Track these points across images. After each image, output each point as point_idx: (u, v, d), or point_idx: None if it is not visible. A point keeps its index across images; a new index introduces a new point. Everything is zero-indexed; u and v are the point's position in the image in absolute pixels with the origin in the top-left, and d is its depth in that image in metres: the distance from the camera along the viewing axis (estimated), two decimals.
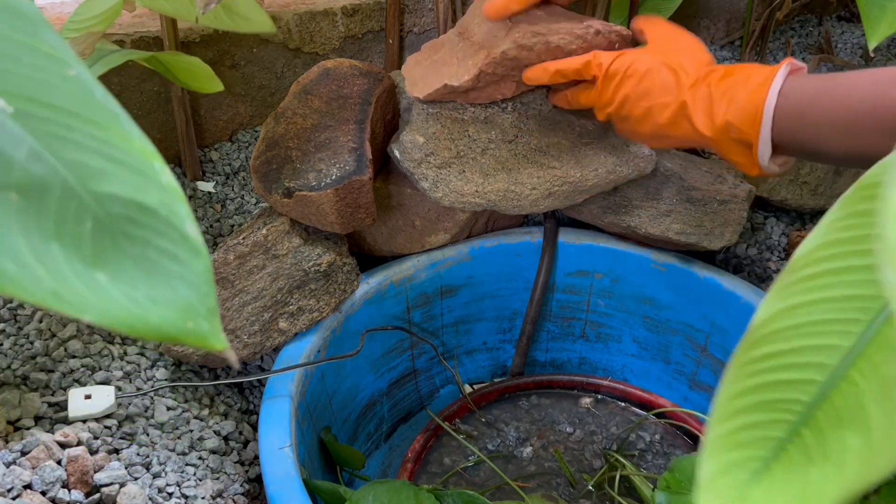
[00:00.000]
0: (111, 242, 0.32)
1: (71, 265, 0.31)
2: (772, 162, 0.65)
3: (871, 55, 1.44)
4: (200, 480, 0.71)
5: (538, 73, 0.78)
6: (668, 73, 0.70)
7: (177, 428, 0.75)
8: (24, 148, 0.31)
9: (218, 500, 0.70)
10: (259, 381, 0.86)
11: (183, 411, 0.77)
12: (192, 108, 1.11)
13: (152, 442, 0.72)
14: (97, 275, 0.31)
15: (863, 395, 0.40)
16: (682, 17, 1.41)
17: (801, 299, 0.41)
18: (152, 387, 0.78)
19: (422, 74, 0.84)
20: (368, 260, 0.90)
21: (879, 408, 0.39)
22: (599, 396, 0.98)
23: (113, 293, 0.31)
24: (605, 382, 0.98)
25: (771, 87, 0.63)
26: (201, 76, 0.91)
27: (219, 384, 0.83)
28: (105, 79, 1.04)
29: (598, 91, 0.74)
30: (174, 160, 1.14)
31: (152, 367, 0.80)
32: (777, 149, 0.65)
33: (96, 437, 0.70)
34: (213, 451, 0.75)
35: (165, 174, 0.33)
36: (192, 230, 0.32)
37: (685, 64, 0.70)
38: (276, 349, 0.81)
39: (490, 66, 0.78)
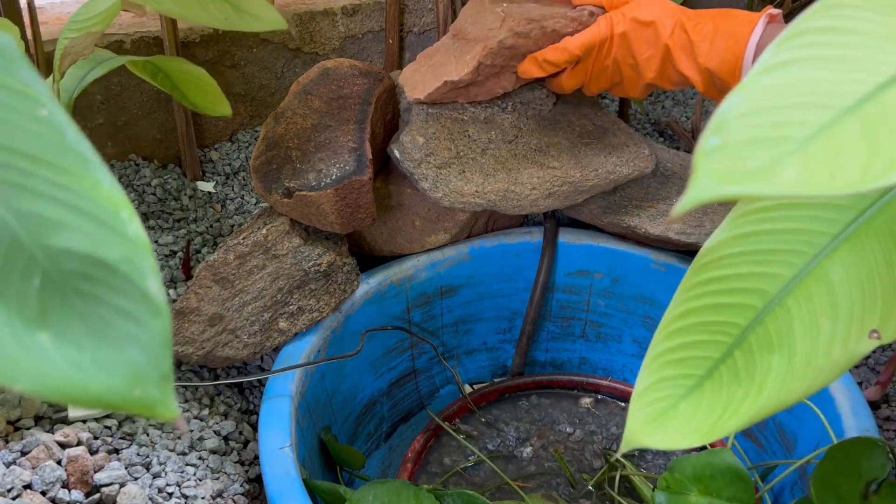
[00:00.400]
0: (60, 300, 0.30)
1: (10, 325, 0.29)
2: None
3: None
4: (200, 480, 0.71)
5: (530, 67, 0.79)
6: (645, 27, 0.72)
7: (177, 428, 0.75)
8: None
9: (218, 500, 0.70)
10: (259, 381, 0.86)
11: (183, 411, 0.77)
12: None
13: (152, 442, 0.72)
14: (40, 336, 0.29)
15: (793, 322, 0.42)
16: None
17: (751, 228, 0.43)
18: None
19: (420, 79, 0.85)
20: (368, 260, 0.90)
21: (806, 334, 0.41)
22: (599, 396, 0.98)
23: (54, 357, 0.29)
24: (605, 382, 0.98)
25: (750, 38, 0.65)
26: (208, 96, 0.90)
27: (219, 384, 0.83)
28: (105, 79, 1.04)
29: (587, 68, 0.76)
30: (174, 160, 1.14)
31: None
32: None
33: (96, 437, 0.70)
34: (213, 451, 0.75)
35: (133, 225, 0.31)
36: (154, 287, 0.31)
37: (658, 14, 0.72)
38: (276, 349, 0.81)
39: (488, 56, 0.78)
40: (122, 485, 0.66)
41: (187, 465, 0.72)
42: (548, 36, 0.78)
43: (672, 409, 0.43)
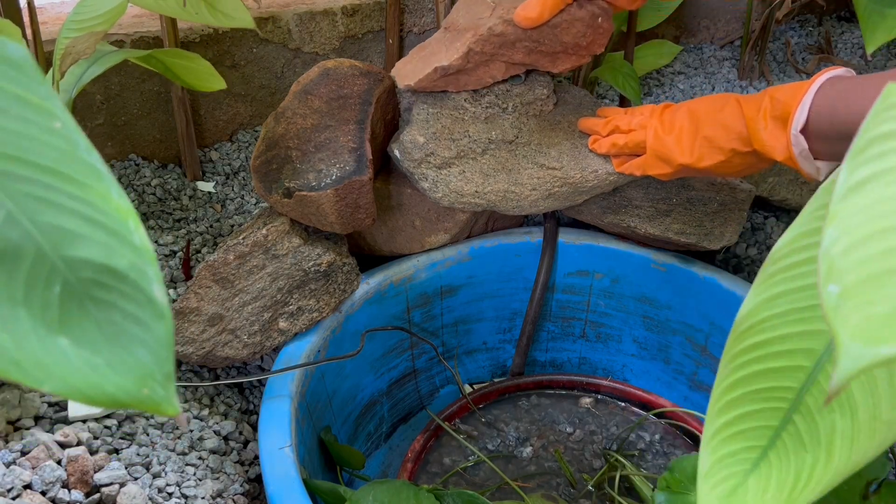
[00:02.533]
0: (77, 306, 0.32)
1: (36, 331, 0.31)
2: (805, 159, 0.67)
3: (870, 57, 1.44)
4: (200, 480, 0.71)
5: (603, 146, 0.83)
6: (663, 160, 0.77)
7: (177, 428, 0.75)
8: (1, 212, 0.32)
9: (218, 500, 0.70)
10: (259, 381, 0.86)
11: (183, 411, 0.77)
12: (192, 108, 1.11)
13: (152, 442, 0.72)
14: (60, 340, 0.32)
15: None
16: (683, 17, 1.41)
17: (782, 288, 0.41)
18: None
19: (412, 68, 0.86)
20: (368, 260, 0.90)
21: (863, 388, 0.39)
22: (599, 396, 0.98)
23: (73, 360, 0.32)
24: (605, 382, 0.98)
25: (814, 83, 0.66)
26: (202, 74, 0.91)
27: (219, 384, 0.83)
28: (105, 78, 1.04)
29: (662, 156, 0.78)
30: (174, 160, 1.14)
31: None
32: (813, 142, 0.66)
33: (96, 437, 0.70)
34: (213, 451, 0.75)
35: (139, 233, 0.33)
36: (159, 292, 0.33)
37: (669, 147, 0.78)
38: (276, 349, 0.81)
39: (478, 43, 0.79)
40: (122, 485, 0.66)
41: (187, 465, 0.72)
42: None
43: (741, 487, 0.41)
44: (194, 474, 0.71)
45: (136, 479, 0.68)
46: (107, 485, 0.65)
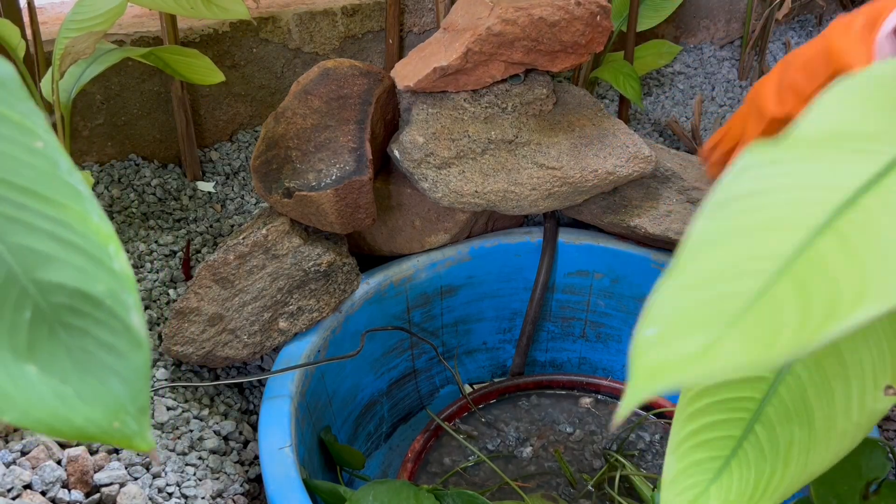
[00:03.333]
0: (48, 332, 0.31)
1: (1, 358, 0.30)
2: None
3: None
4: (200, 480, 0.71)
5: (714, 170, 0.75)
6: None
7: (177, 428, 0.75)
8: None
9: (218, 500, 0.70)
10: (259, 381, 0.86)
11: (183, 411, 0.77)
12: (192, 108, 1.11)
13: None
14: (27, 367, 0.30)
15: (806, 389, 0.41)
16: (683, 17, 1.41)
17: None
18: (152, 387, 0.78)
19: (412, 69, 0.86)
20: (368, 260, 0.90)
21: (821, 399, 0.40)
22: (599, 396, 0.98)
23: (40, 388, 0.30)
24: (605, 382, 0.98)
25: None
26: (202, 69, 0.91)
27: (219, 384, 0.83)
28: (105, 78, 1.04)
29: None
30: (174, 160, 1.14)
31: (152, 366, 0.80)
32: None
33: None
34: (212, 451, 0.75)
35: (119, 259, 0.32)
36: (137, 321, 0.31)
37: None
38: (276, 349, 0.81)
39: (477, 43, 0.79)
40: (121, 485, 0.66)
41: (187, 465, 0.72)
42: (535, 24, 0.80)
43: (703, 496, 0.42)
44: (194, 474, 0.71)
45: (135, 479, 0.68)
46: (107, 485, 0.65)
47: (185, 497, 0.69)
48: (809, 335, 0.27)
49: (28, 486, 0.63)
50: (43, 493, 0.63)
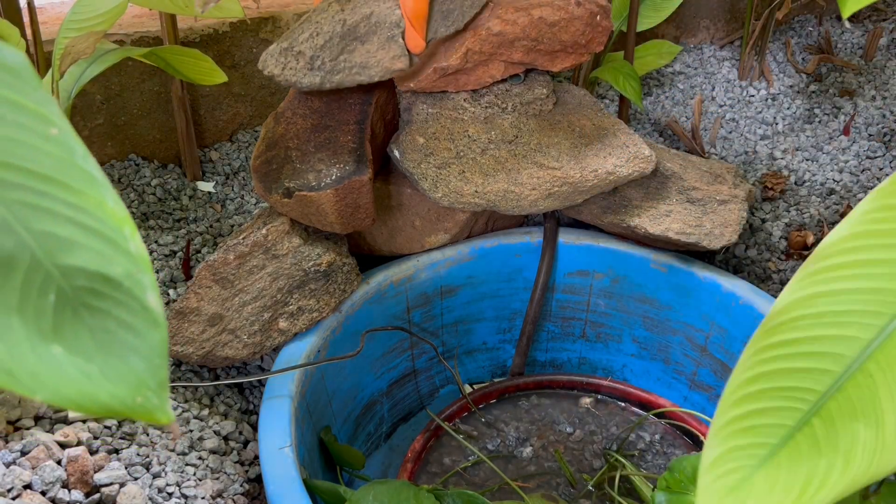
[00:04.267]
0: (72, 314, 0.32)
1: (29, 339, 0.31)
2: None
3: (870, 59, 1.44)
4: (200, 480, 0.71)
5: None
6: None
7: (172, 433, 0.75)
8: None
9: (218, 500, 0.70)
10: (259, 381, 0.86)
11: (183, 411, 0.77)
12: (192, 108, 1.11)
13: (152, 442, 0.72)
14: (54, 348, 0.32)
15: (878, 389, 0.39)
16: (683, 17, 1.41)
17: (824, 288, 0.40)
18: None
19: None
20: (368, 260, 0.90)
21: (894, 402, 0.39)
22: (599, 396, 0.98)
23: (67, 368, 0.32)
24: (605, 382, 0.98)
25: None
26: (203, 68, 0.91)
27: (219, 384, 0.83)
28: (105, 78, 1.05)
29: None
30: (174, 160, 1.14)
31: None
32: None
33: (96, 437, 0.70)
34: (212, 451, 0.75)
35: (135, 241, 0.33)
36: (153, 300, 0.33)
37: None
38: (276, 349, 0.80)
39: (476, 43, 0.79)
40: (122, 485, 0.66)
41: (187, 465, 0.72)
42: (535, 24, 0.80)
43: (747, 482, 0.40)
44: (194, 474, 0.71)
45: (136, 479, 0.68)
46: (107, 485, 0.65)
47: (185, 497, 0.69)
48: None
49: (28, 486, 0.63)
50: (43, 493, 0.63)
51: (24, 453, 0.65)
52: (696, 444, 0.90)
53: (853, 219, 0.39)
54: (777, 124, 1.29)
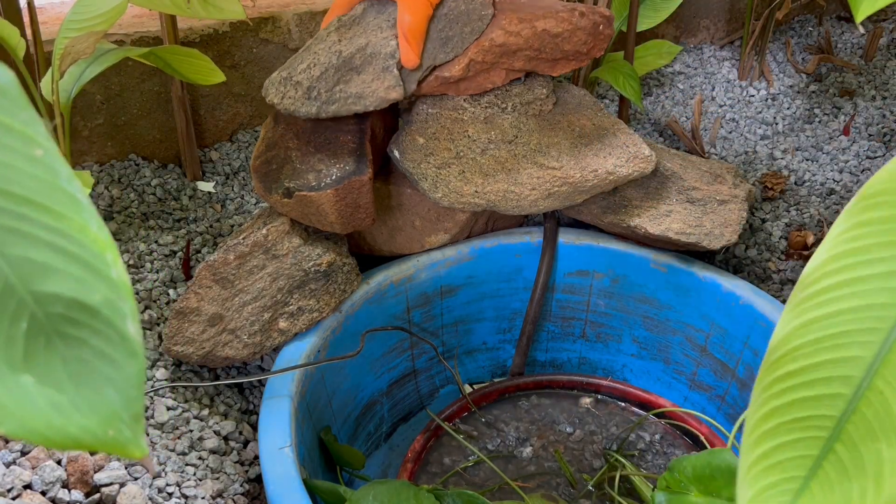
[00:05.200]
0: (45, 343, 0.31)
1: None
2: None
3: (870, 59, 1.44)
4: (200, 480, 0.71)
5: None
6: None
7: (177, 428, 0.76)
8: None
9: (218, 500, 0.70)
10: (259, 381, 0.86)
11: (183, 411, 0.77)
12: (192, 108, 1.11)
13: (152, 442, 0.72)
14: (23, 378, 0.30)
15: (891, 405, 0.39)
16: (683, 17, 1.41)
17: (816, 314, 0.41)
18: (152, 387, 0.78)
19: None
20: (368, 260, 0.90)
21: None
22: (599, 396, 0.98)
23: (36, 399, 0.30)
24: (605, 382, 0.98)
25: None
26: (202, 68, 0.91)
27: (219, 384, 0.83)
28: (104, 78, 1.04)
29: None
30: (174, 160, 1.14)
31: (152, 367, 0.80)
32: None
33: None
34: (212, 451, 0.75)
35: (116, 267, 0.32)
36: (133, 329, 0.32)
37: None
38: (276, 349, 0.81)
39: (479, 53, 0.79)
40: (121, 485, 0.66)
41: (187, 465, 0.72)
42: (538, 35, 0.80)
43: None
44: (194, 474, 0.71)
45: (135, 479, 0.68)
46: (107, 485, 0.65)
47: (185, 497, 0.69)
48: None
49: (28, 486, 0.63)
50: (43, 493, 0.63)
51: (23, 453, 0.65)
52: (696, 444, 0.90)
53: (829, 242, 0.39)
54: (777, 124, 1.29)
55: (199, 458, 0.73)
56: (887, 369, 0.39)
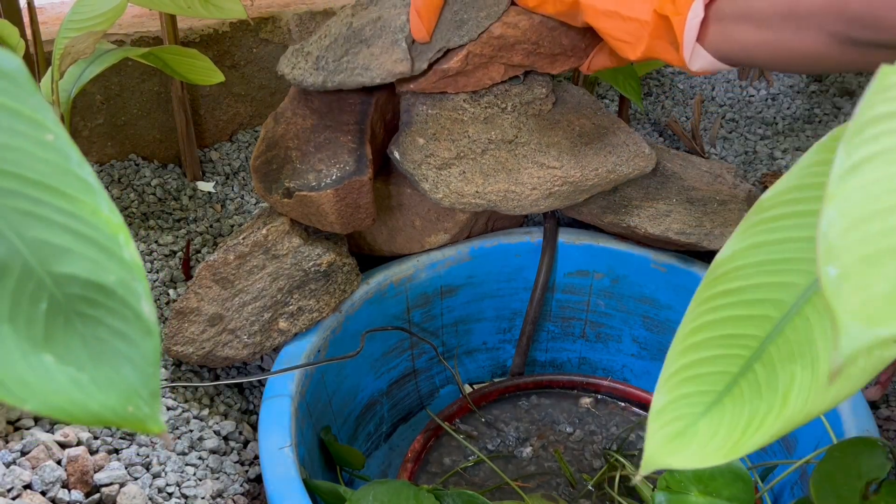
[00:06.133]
0: (63, 322, 0.32)
1: (20, 347, 0.31)
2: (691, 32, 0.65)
3: None
4: (200, 480, 0.71)
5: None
6: None
7: (177, 428, 0.76)
8: None
9: (218, 500, 0.70)
10: (259, 381, 0.86)
11: (183, 411, 0.77)
12: (192, 108, 1.11)
13: (152, 442, 0.72)
14: (45, 357, 0.31)
15: (814, 331, 0.40)
16: None
17: (764, 238, 0.42)
18: None
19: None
20: (368, 260, 0.90)
21: (828, 342, 0.40)
22: (599, 396, 0.98)
23: (58, 377, 0.31)
24: (605, 382, 0.98)
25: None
26: (201, 69, 0.91)
27: (219, 384, 0.83)
28: (104, 78, 1.04)
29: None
30: (174, 160, 1.14)
31: None
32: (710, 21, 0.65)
33: (96, 437, 0.70)
34: (212, 451, 0.75)
35: (129, 249, 0.33)
36: (147, 308, 0.33)
37: None
38: (276, 349, 0.81)
39: (477, 46, 0.79)
40: (121, 485, 0.66)
41: (187, 465, 0.72)
42: (535, 27, 0.80)
43: (691, 428, 0.41)
44: (194, 474, 0.71)
45: (136, 479, 0.68)
46: (107, 485, 0.65)
47: (185, 497, 0.69)
48: None
49: (28, 486, 0.63)
50: (43, 493, 0.63)
51: (24, 453, 0.65)
52: None
53: (794, 172, 0.40)
54: (777, 124, 1.29)
55: (199, 458, 0.73)
56: (818, 298, 0.40)
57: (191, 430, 0.76)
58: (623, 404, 0.97)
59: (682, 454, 0.41)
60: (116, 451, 0.70)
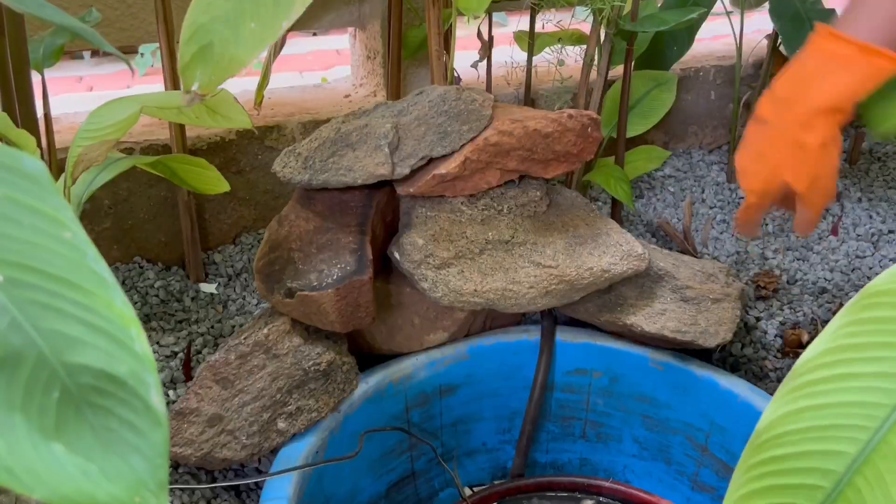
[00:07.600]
0: (74, 412, 0.33)
1: (30, 437, 0.32)
2: None
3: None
4: None
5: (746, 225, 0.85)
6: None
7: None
8: (5, 319, 0.33)
9: None
10: (256, 483, 0.85)
11: None
12: (197, 211, 1.14)
13: None
14: (55, 446, 0.32)
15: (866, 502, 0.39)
16: (672, 124, 1.47)
17: (806, 403, 0.41)
18: None
19: None
20: (367, 358, 0.91)
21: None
22: (602, 499, 0.96)
23: (67, 466, 0.32)
24: (607, 484, 0.96)
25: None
26: (207, 177, 0.94)
27: (216, 486, 0.82)
28: (114, 184, 1.08)
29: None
30: (178, 262, 1.16)
31: None
32: None
33: None
34: None
35: (140, 341, 0.35)
36: (156, 400, 0.34)
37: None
38: (274, 451, 0.80)
39: (475, 152, 0.84)
40: None
41: None
42: (530, 135, 0.85)
43: None
44: None
45: None
46: None
47: None
48: None
49: None
50: None
51: None
52: None
53: (827, 335, 0.41)
54: (767, 225, 1.32)
55: None
56: (869, 468, 0.40)
57: None
58: None
59: None
60: None
